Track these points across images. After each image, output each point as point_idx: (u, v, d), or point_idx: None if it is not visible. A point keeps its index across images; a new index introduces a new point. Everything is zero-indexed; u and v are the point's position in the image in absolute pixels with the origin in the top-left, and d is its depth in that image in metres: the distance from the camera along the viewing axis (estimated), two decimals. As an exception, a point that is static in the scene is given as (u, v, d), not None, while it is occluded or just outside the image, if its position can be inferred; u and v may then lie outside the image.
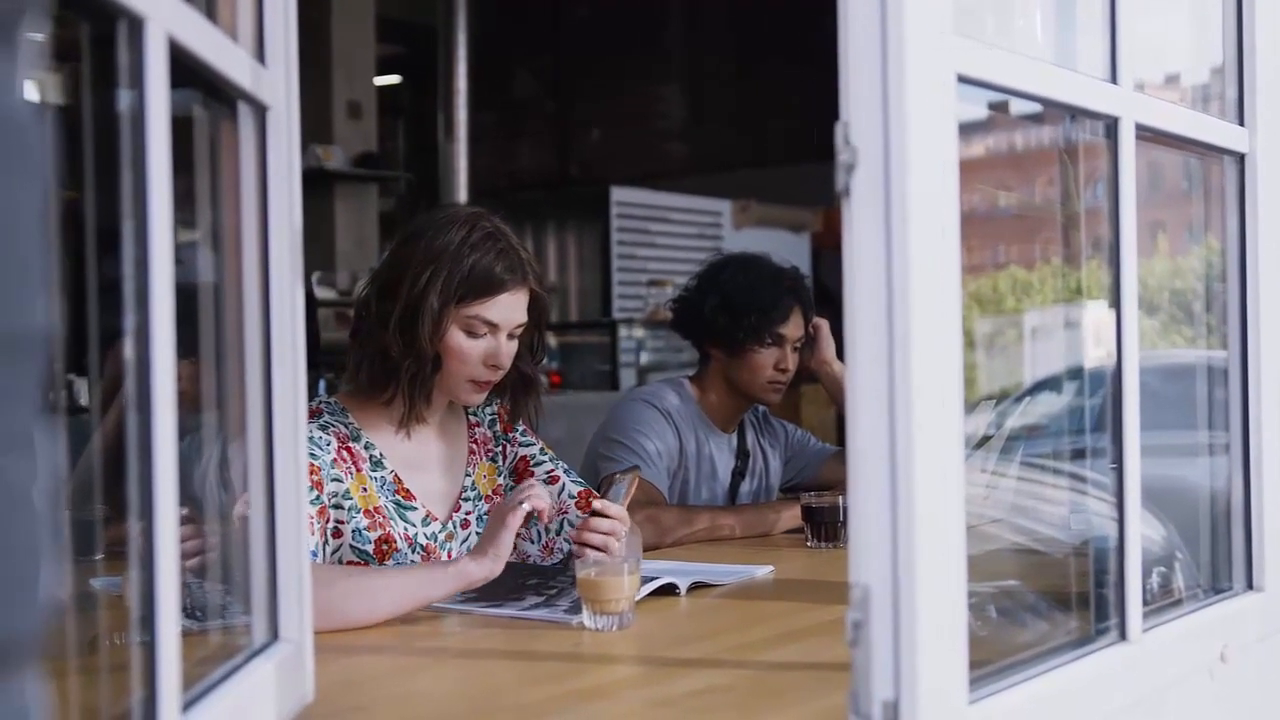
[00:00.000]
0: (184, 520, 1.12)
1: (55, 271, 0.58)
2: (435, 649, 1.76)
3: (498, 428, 2.37)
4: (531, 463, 2.36)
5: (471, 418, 2.36)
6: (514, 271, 2.16)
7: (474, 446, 2.33)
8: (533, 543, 2.30)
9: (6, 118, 0.54)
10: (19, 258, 0.54)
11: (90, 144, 1.06)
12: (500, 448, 2.37)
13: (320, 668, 1.42)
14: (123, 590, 1.50)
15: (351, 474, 2.13)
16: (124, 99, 1.00)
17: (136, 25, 0.98)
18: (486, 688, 1.58)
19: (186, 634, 1.06)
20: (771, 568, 2.32)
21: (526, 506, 1.93)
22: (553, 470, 2.36)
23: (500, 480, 2.34)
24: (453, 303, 2.12)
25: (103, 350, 1.11)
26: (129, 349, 0.99)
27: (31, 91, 0.57)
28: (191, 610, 1.32)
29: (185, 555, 1.35)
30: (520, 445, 2.38)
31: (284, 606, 1.35)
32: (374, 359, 2.16)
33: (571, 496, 2.31)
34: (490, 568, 1.90)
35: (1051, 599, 1.69)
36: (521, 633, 1.82)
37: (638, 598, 1.90)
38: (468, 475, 2.30)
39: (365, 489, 2.14)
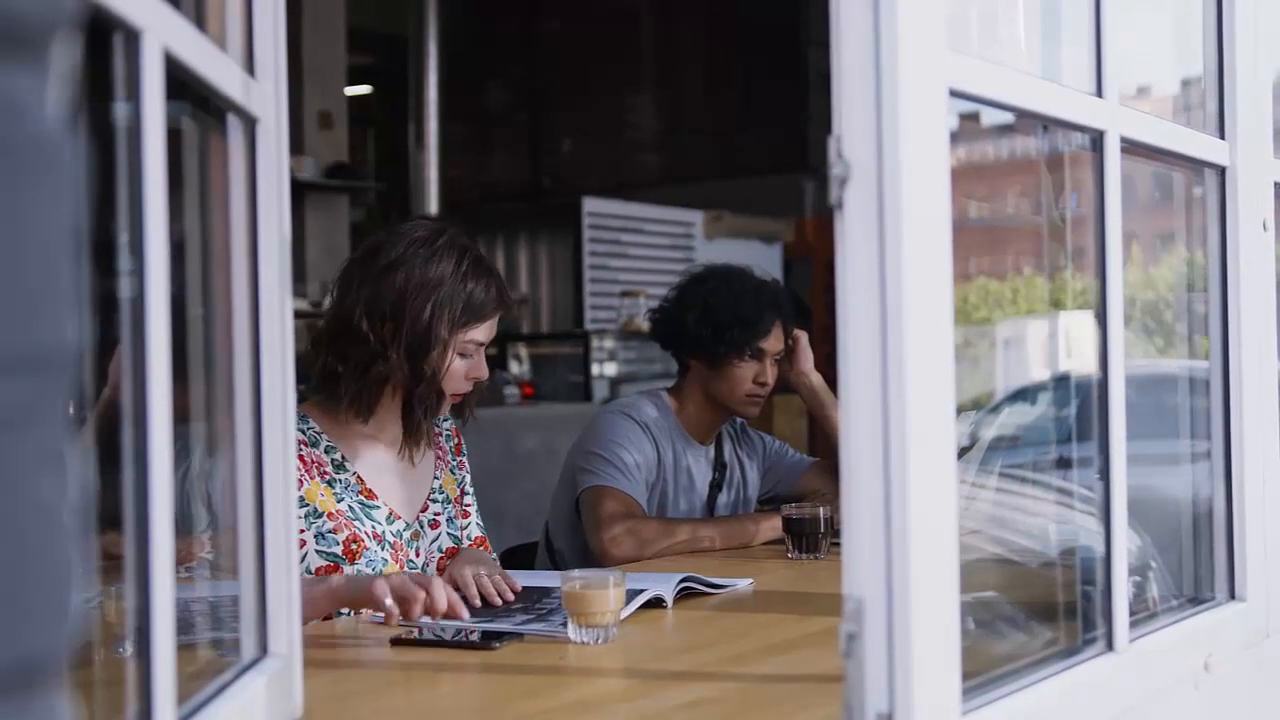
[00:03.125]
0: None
1: (84, 289, 0.58)
2: (423, 664, 1.75)
3: (452, 444, 2.46)
4: (464, 492, 2.46)
5: (433, 426, 2.43)
6: (503, 293, 2.28)
7: (440, 452, 2.41)
8: None
9: (40, 136, 0.54)
10: (52, 275, 0.53)
11: (82, 155, 1.05)
12: (457, 461, 2.46)
13: (308, 683, 1.41)
14: (100, 605, 1.49)
15: (308, 480, 2.17)
16: (119, 110, 1.00)
17: (133, 37, 0.97)
18: (475, 702, 1.58)
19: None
20: (751, 580, 2.32)
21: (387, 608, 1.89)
22: (470, 506, 2.46)
23: (457, 490, 2.43)
24: (457, 331, 2.21)
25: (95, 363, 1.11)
26: (125, 363, 0.98)
27: (62, 108, 0.57)
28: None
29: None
30: (465, 471, 2.48)
31: (273, 622, 1.35)
32: (374, 384, 2.21)
33: (470, 538, 2.40)
34: (371, 592, 1.89)
35: (1036, 610, 1.70)
36: (508, 647, 1.81)
37: (627, 613, 1.90)
38: (436, 478, 2.38)
39: (323, 494, 2.19)
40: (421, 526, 2.32)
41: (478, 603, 2.05)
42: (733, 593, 2.24)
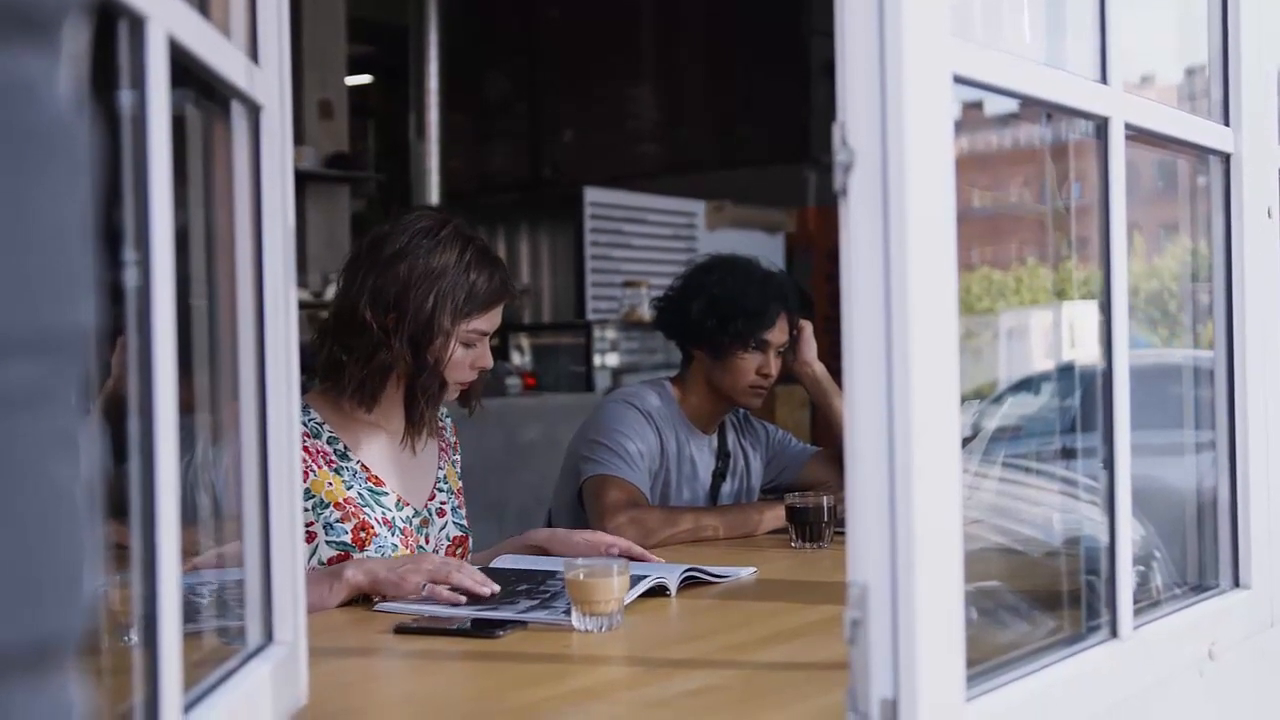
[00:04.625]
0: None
1: (98, 271, 0.58)
2: (427, 651, 1.76)
3: (452, 441, 2.48)
4: (459, 483, 2.48)
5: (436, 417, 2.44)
6: (506, 282, 2.29)
7: (442, 444, 2.43)
8: None
9: (53, 119, 0.54)
10: (67, 258, 0.54)
11: (95, 138, 1.05)
12: (456, 457, 2.48)
13: (313, 670, 1.41)
14: (105, 594, 1.48)
15: (314, 471, 2.19)
16: (124, 98, 1.00)
17: (137, 24, 0.97)
18: (479, 690, 1.58)
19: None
20: (755, 569, 2.32)
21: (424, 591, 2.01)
22: (460, 504, 2.46)
23: (458, 483, 2.45)
24: (460, 321, 2.22)
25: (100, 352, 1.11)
26: (130, 352, 0.98)
27: (74, 90, 0.57)
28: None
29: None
30: (460, 468, 2.49)
31: (279, 609, 1.35)
32: (377, 373, 2.22)
33: (448, 539, 2.38)
34: (365, 581, 2.01)
35: (1040, 598, 1.70)
36: (512, 635, 1.81)
37: (630, 599, 1.90)
38: (440, 469, 2.40)
39: (331, 484, 2.20)
40: (430, 514, 2.34)
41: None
42: (736, 581, 2.24)
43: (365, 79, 10.24)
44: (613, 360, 7.53)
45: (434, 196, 8.83)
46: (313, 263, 7.42)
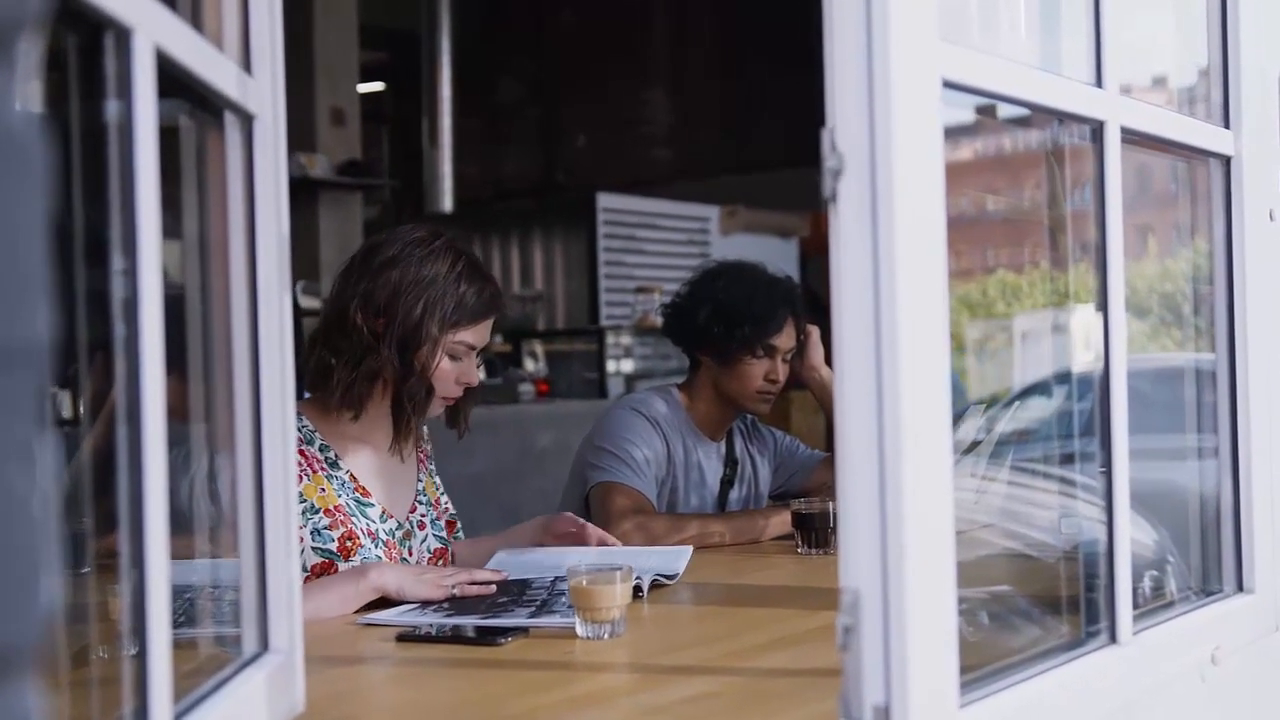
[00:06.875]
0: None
1: (53, 283, 0.58)
2: (425, 659, 1.76)
3: (428, 449, 2.50)
4: (439, 499, 2.49)
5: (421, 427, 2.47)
6: (496, 298, 2.32)
7: (421, 457, 2.45)
8: None
9: (6, 130, 0.54)
10: (20, 269, 0.54)
11: (75, 154, 1.05)
12: (432, 466, 2.50)
13: (310, 679, 1.41)
14: (106, 603, 1.49)
15: (308, 475, 2.21)
16: (111, 109, 1.00)
17: (124, 36, 0.98)
18: (479, 697, 1.58)
19: (175, 644, 1.06)
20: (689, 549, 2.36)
21: (456, 591, 2.11)
22: (438, 516, 2.46)
23: (438, 494, 2.47)
24: (447, 330, 2.24)
25: (90, 363, 1.11)
26: (118, 362, 0.99)
27: (29, 103, 0.57)
28: (178, 620, 1.32)
29: None
30: (438, 480, 2.51)
31: (274, 617, 1.35)
32: (365, 378, 2.23)
33: (429, 552, 2.40)
34: (393, 586, 2.07)
35: (1042, 603, 1.69)
36: (514, 643, 1.81)
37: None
38: (419, 480, 2.42)
39: (323, 489, 2.23)
40: (411, 527, 2.36)
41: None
42: (737, 585, 2.25)
43: (377, 86, 10.25)
44: (626, 366, 7.53)
45: (447, 203, 8.84)
46: (325, 270, 7.41)
